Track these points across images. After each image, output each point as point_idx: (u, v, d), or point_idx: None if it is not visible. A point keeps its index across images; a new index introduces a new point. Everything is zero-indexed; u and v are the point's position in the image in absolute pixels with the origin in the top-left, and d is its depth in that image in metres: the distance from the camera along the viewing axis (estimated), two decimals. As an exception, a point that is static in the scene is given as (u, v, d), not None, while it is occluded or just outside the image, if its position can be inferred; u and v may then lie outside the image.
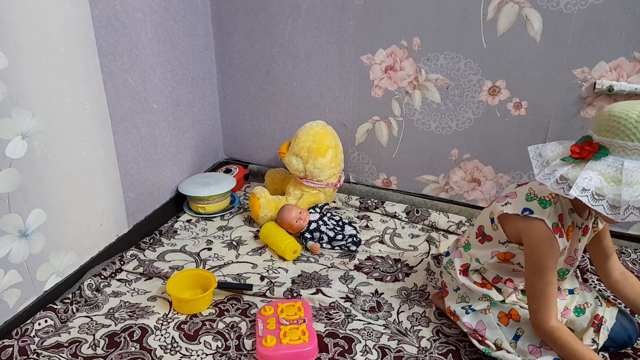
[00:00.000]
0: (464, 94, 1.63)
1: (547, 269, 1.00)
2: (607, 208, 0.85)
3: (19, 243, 1.21)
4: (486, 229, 1.14)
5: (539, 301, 1.02)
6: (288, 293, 1.36)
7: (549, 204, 1.00)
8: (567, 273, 1.13)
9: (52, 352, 1.17)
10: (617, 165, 0.86)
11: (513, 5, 1.47)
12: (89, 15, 1.30)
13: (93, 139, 1.39)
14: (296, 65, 1.81)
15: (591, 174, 0.87)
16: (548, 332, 1.02)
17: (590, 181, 0.87)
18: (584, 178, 0.87)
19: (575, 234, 1.06)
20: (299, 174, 1.75)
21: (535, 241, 1.00)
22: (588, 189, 0.86)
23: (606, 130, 0.90)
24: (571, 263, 1.11)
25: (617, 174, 0.85)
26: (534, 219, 1.00)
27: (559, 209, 1.01)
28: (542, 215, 0.99)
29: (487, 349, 1.11)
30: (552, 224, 0.99)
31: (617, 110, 0.88)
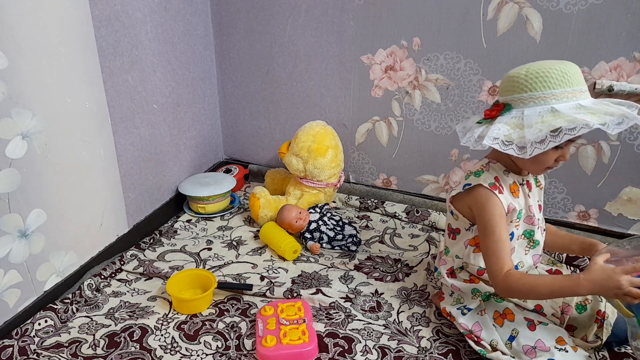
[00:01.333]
0: (464, 94, 1.63)
1: (493, 226, 1.08)
2: (516, 149, 0.99)
3: (19, 243, 1.21)
4: (452, 224, 1.22)
5: (490, 259, 1.09)
6: (288, 293, 1.36)
7: (481, 172, 1.13)
8: (533, 234, 1.17)
9: (52, 352, 1.17)
10: (519, 115, 1.01)
11: (513, 5, 1.47)
12: (89, 15, 1.30)
13: (93, 139, 1.39)
14: (296, 65, 1.81)
15: (499, 126, 1.02)
16: (502, 282, 1.06)
17: (498, 131, 1.01)
18: (493, 130, 1.01)
19: (523, 191, 1.15)
20: (299, 174, 1.75)
21: (479, 205, 1.10)
22: (497, 137, 1.00)
23: (506, 90, 1.05)
24: (531, 222, 1.16)
25: (520, 121, 1.00)
26: (473, 188, 1.11)
27: (493, 173, 1.12)
28: (478, 181, 1.11)
29: (483, 350, 1.12)
30: (489, 183, 1.10)
31: (511, 73, 1.05)
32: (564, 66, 1.00)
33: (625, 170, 1.54)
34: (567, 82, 0.99)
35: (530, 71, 1.01)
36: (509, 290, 1.08)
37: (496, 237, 1.08)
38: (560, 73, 0.99)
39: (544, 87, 0.99)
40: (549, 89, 0.99)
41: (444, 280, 1.23)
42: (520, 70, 1.03)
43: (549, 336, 1.07)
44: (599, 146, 1.55)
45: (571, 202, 1.64)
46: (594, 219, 1.64)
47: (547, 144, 0.97)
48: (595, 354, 1.16)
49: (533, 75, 1.01)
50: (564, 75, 0.99)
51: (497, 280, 1.08)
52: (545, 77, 1.00)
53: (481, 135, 1.04)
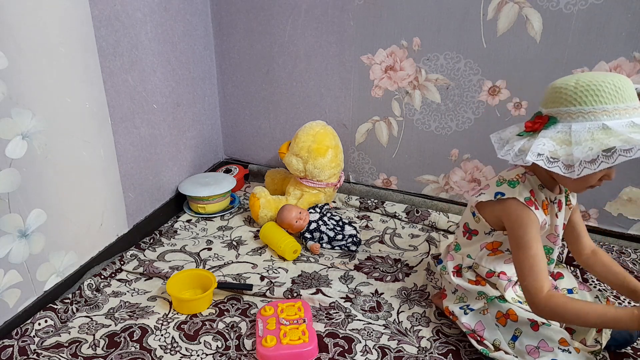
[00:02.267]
0: (464, 94, 1.63)
1: (529, 241, 1.03)
2: (562, 168, 0.93)
3: (19, 243, 1.21)
4: (470, 224, 1.18)
5: (528, 277, 1.03)
6: (288, 293, 1.36)
7: (517, 183, 1.07)
8: (551, 252, 1.15)
9: (52, 352, 1.17)
10: (565, 129, 0.95)
11: (513, 5, 1.47)
12: (89, 15, 1.30)
13: (93, 139, 1.39)
14: (296, 65, 1.81)
15: (544, 141, 0.96)
16: (544, 303, 1.01)
17: (543, 146, 0.95)
18: (537, 145, 0.96)
19: (551, 209, 1.11)
20: (299, 174, 1.75)
21: (513, 218, 1.05)
22: (542, 153, 0.94)
23: (551, 102, 0.99)
24: (554, 241, 1.14)
25: (567, 137, 0.94)
26: (507, 200, 1.06)
27: (528, 186, 1.07)
28: (513, 194, 1.05)
29: (486, 350, 1.11)
30: (525, 198, 1.04)
31: (558, 83, 0.99)
32: (617, 80, 0.94)
33: (625, 170, 1.54)
34: (620, 98, 0.93)
35: (580, 83, 0.95)
36: (551, 312, 1.01)
37: (533, 253, 1.02)
38: (613, 87, 0.93)
39: (595, 101, 0.93)
40: (600, 103, 0.92)
41: (449, 277, 1.22)
42: (569, 81, 0.97)
43: (553, 337, 1.06)
44: (599, 146, 1.55)
45: (571, 202, 1.64)
46: (594, 219, 1.64)
47: (599, 165, 0.90)
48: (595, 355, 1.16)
49: (583, 87, 0.94)
50: (617, 89, 0.93)
51: (537, 300, 1.01)
52: (597, 91, 0.93)
53: (522, 150, 0.98)
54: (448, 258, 1.25)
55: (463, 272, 1.21)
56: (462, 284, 1.20)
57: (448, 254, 1.26)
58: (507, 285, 1.17)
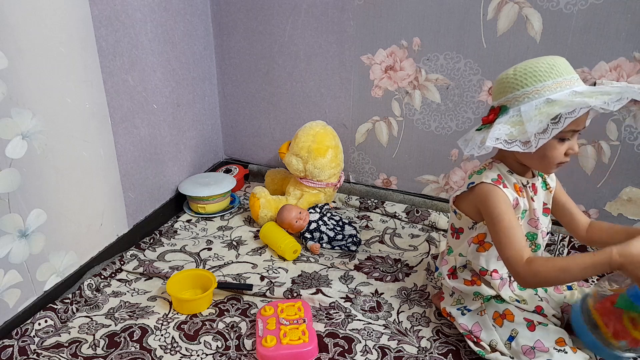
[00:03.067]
0: (464, 94, 1.63)
1: (500, 214, 1.06)
2: (520, 145, 1.00)
3: (19, 243, 1.21)
4: (455, 223, 1.22)
5: (506, 249, 1.04)
6: (288, 293, 1.36)
7: (483, 170, 1.13)
8: (535, 237, 1.16)
9: (52, 352, 1.17)
10: (516, 113, 1.02)
11: (513, 5, 1.47)
12: (89, 15, 1.30)
13: (93, 139, 1.39)
14: (296, 65, 1.81)
15: (499, 127, 1.02)
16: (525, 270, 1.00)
17: (499, 131, 1.01)
18: (494, 131, 1.02)
19: (526, 192, 1.14)
20: (299, 174, 1.75)
21: (483, 198, 1.10)
22: (499, 137, 1.01)
23: (498, 93, 1.07)
24: (535, 225, 1.15)
25: (519, 118, 1.01)
26: (476, 185, 1.11)
27: (495, 171, 1.12)
28: (481, 179, 1.11)
29: (482, 351, 1.12)
30: (492, 179, 1.10)
31: (500, 75, 1.08)
32: (549, 59, 1.02)
33: (625, 170, 1.54)
34: (557, 73, 1.00)
35: (518, 69, 1.03)
36: (535, 277, 0.99)
37: (506, 224, 1.04)
38: (547, 65, 1.01)
39: (535, 81, 1.01)
40: (540, 82, 1.00)
41: (445, 282, 1.23)
42: (508, 71, 1.06)
43: (549, 337, 1.06)
44: (599, 146, 1.55)
45: (571, 202, 1.64)
46: (594, 218, 1.64)
47: (551, 132, 0.97)
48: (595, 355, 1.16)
49: (521, 72, 1.02)
50: (551, 66, 1.01)
51: (519, 270, 1.01)
52: (533, 72, 1.01)
53: (483, 141, 1.04)
54: (442, 263, 1.26)
55: (458, 273, 1.22)
56: (457, 286, 1.20)
57: (442, 260, 1.27)
58: (500, 284, 1.17)
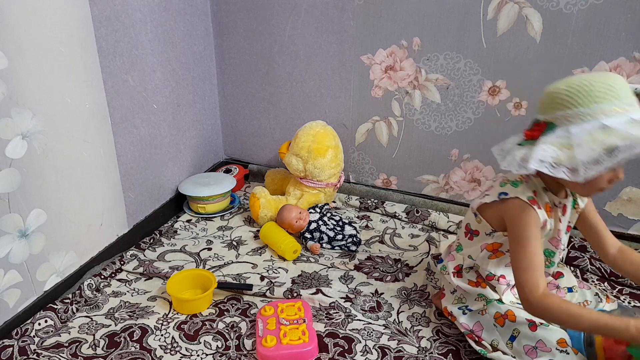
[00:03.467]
0: (464, 94, 1.63)
1: (528, 239, 1.02)
2: (567, 172, 0.92)
3: (19, 243, 1.21)
4: (472, 225, 1.18)
5: (525, 273, 1.02)
6: (288, 293, 1.36)
7: (520, 183, 1.07)
8: (553, 255, 1.14)
9: (52, 352, 1.17)
10: (565, 134, 0.94)
11: (513, 5, 1.47)
12: (89, 15, 1.30)
13: (93, 139, 1.39)
14: (296, 65, 1.81)
15: (544, 147, 0.95)
16: (538, 301, 0.99)
17: (545, 152, 0.94)
18: (539, 151, 0.94)
19: (555, 213, 1.09)
20: (299, 174, 1.75)
21: (513, 215, 1.05)
22: (544, 160, 0.93)
23: (547, 107, 0.98)
24: (555, 244, 1.13)
25: (567, 141, 0.93)
26: (510, 199, 1.05)
27: (531, 187, 1.06)
28: (516, 193, 1.05)
29: (484, 350, 1.11)
30: (527, 197, 1.04)
31: (550, 88, 0.99)
32: (607, 78, 0.93)
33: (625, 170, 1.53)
34: (615, 95, 0.91)
35: (572, 86, 0.94)
36: (545, 312, 1.00)
37: (532, 250, 1.01)
38: (605, 86, 0.92)
39: (590, 101, 0.92)
40: (595, 103, 0.91)
41: (449, 277, 1.22)
42: (559, 85, 0.97)
43: (551, 337, 1.06)
44: (599, 146, 1.55)
45: (571, 202, 1.64)
46: (594, 219, 1.64)
47: (603, 165, 0.88)
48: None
49: (575, 89, 0.93)
50: (610, 88, 0.92)
51: (531, 298, 1.00)
52: (589, 91, 0.92)
53: (524, 158, 0.97)
54: (449, 258, 1.25)
55: (464, 273, 1.21)
56: (462, 285, 1.20)
57: (449, 254, 1.26)
58: (505, 289, 1.17)
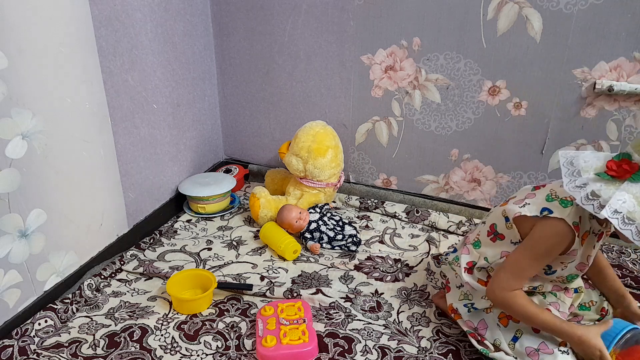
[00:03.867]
0: (464, 94, 1.63)
1: (545, 257, 0.99)
2: (635, 234, 0.82)
3: (19, 243, 1.21)
4: (499, 227, 1.11)
5: (510, 276, 1.03)
6: (288, 293, 1.36)
7: (570, 203, 0.97)
8: (575, 278, 1.11)
9: (52, 352, 1.17)
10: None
11: (513, 5, 1.47)
12: (89, 15, 1.30)
13: (93, 139, 1.39)
14: (296, 65, 1.81)
15: (626, 197, 0.84)
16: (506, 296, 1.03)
17: (623, 204, 0.83)
18: (617, 199, 0.83)
19: (591, 240, 1.03)
20: (299, 174, 1.75)
21: (547, 230, 0.98)
22: (620, 211, 0.83)
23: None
24: (582, 269, 1.08)
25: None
26: (553, 218, 0.97)
27: (579, 211, 0.97)
28: (563, 215, 0.96)
29: (486, 350, 1.11)
30: (573, 222, 0.96)
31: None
32: None
33: (625, 170, 1.54)
34: None
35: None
36: (505, 305, 1.05)
37: (535, 265, 1.01)
38: None
39: None
40: None
41: (459, 271, 1.17)
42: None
43: (553, 339, 1.06)
44: (599, 146, 1.55)
45: (571, 202, 1.64)
46: (594, 219, 1.64)
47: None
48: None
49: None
50: None
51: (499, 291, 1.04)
52: None
53: (596, 194, 0.87)
54: (463, 251, 1.18)
55: (475, 271, 1.16)
56: (471, 282, 1.15)
57: (464, 247, 1.19)
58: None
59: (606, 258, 1.21)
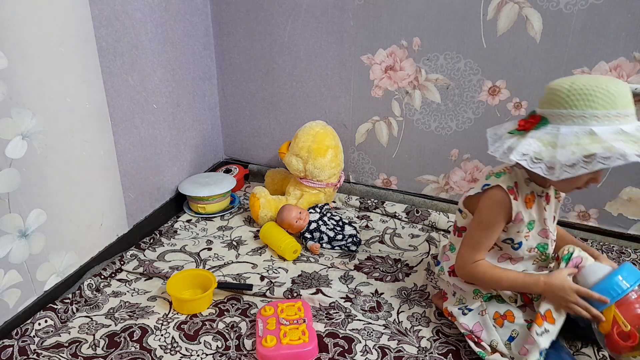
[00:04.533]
0: (464, 94, 1.63)
1: (493, 225, 1.08)
2: (544, 169, 0.95)
3: (19, 243, 1.21)
4: (459, 222, 1.21)
5: (469, 249, 1.11)
6: (288, 293, 1.36)
7: (502, 174, 1.10)
8: (546, 248, 1.15)
9: (52, 352, 1.17)
10: (554, 131, 0.96)
11: (513, 5, 1.47)
12: (89, 15, 1.30)
13: (93, 139, 1.39)
14: (296, 65, 1.81)
15: (531, 141, 0.97)
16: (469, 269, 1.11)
17: (529, 147, 0.97)
18: (524, 145, 0.97)
19: (539, 204, 1.12)
20: (299, 174, 1.75)
21: (488, 201, 1.09)
22: (527, 153, 0.96)
23: (546, 102, 1.00)
24: (546, 236, 1.14)
25: (554, 139, 0.95)
26: (489, 189, 1.09)
27: (513, 177, 1.09)
28: (497, 182, 1.08)
29: (483, 352, 1.11)
30: (507, 186, 1.07)
31: (554, 84, 0.99)
32: (612, 85, 0.93)
33: (625, 170, 1.54)
34: (612, 104, 0.92)
35: (575, 86, 0.95)
36: (473, 276, 1.12)
37: (489, 234, 1.09)
38: (606, 93, 0.92)
39: (586, 106, 0.92)
40: (590, 108, 0.92)
41: (445, 277, 1.23)
42: (564, 83, 0.97)
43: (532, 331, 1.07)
44: (599, 146, 1.55)
45: (571, 202, 1.64)
46: (594, 218, 1.64)
47: (578, 170, 0.91)
48: (595, 354, 1.16)
49: (576, 91, 0.94)
50: (609, 95, 0.92)
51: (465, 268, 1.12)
52: (589, 96, 0.92)
53: (511, 147, 1.00)
54: (444, 259, 1.26)
55: None
56: (458, 283, 1.20)
57: (444, 255, 1.27)
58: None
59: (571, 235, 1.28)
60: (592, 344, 1.18)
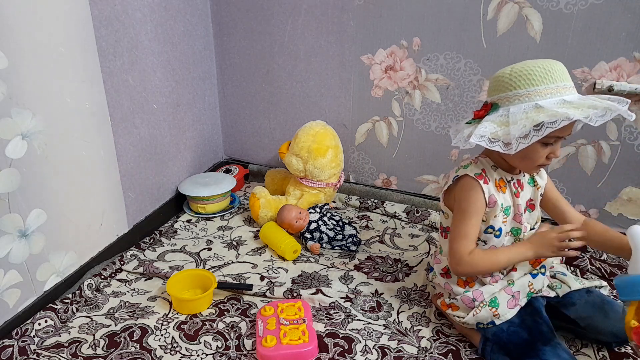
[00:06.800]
0: (464, 94, 1.63)
1: (473, 212, 1.12)
2: (502, 146, 1.02)
3: (19, 243, 1.21)
4: (443, 222, 1.24)
5: (461, 241, 1.13)
6: (288, 293, 1.36)
7: (469, 164, 1.16)
8: (519, 232, 1.17)
9: (52, 352, 1.17)
10: (505, 113, 1.04)
11: (513, 5, 1.47)
12: (89, 15, 1.30)
13: (93, 139, 1.39)
14: (296, 65, 1.81)
15: (486, 124, 1.05)
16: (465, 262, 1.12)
17: (485, 129, 1.04)
18: (480, 128, 1.05)
19: (510, 188, 1.16)
20: (299, 174, 1.75)
21: (461, 191, 1.14)
22: (484, 135, 1.04)
23: (493, 90, 1.09)
24: (519, 220, 1.17)
25: (506, 119, 1.03)
26: (460, 178, 1.15)
27: (480, 166, 1.15)
28: (465, 172, 1.14)
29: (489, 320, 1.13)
30: (475, 173, 1.13)
31: (497, 73, 1.09)
32: (547, 64, 1.03)
33: (625, 170, 1.54)
34: (550, 79, 1.02)
35: (515, 70, 1.05)
36: (472, 267, 1.12)
37: (473, 222, 1.12)
38: (543, 70, 1.02)
39: (528, 84, 1.02)
40: (532, 86, 1.02)
41: (439, 280, 1.24)
42: (505, 70, 1.07)
43: None
44: (599, 146, 1.55)
45: (571, 202, 1.64)
46: (594, 218, 1.64)
47: (531, 139, 1.00)
48: (595, 354, 1.16)
49: (517, 73, 1.04)
50: (547, 72, 1.02)
51: (462, 261, 1.12)
52: (528, 75, 1.02)
53: (469, 135, 1.07)
54: (435, 262, 1.27)
55: (451, 273, 1.21)
56: (450, 284, 1.20)
57: (435, 258, 1.28)
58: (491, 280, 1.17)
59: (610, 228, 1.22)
60: (592, 344, 1.18)
